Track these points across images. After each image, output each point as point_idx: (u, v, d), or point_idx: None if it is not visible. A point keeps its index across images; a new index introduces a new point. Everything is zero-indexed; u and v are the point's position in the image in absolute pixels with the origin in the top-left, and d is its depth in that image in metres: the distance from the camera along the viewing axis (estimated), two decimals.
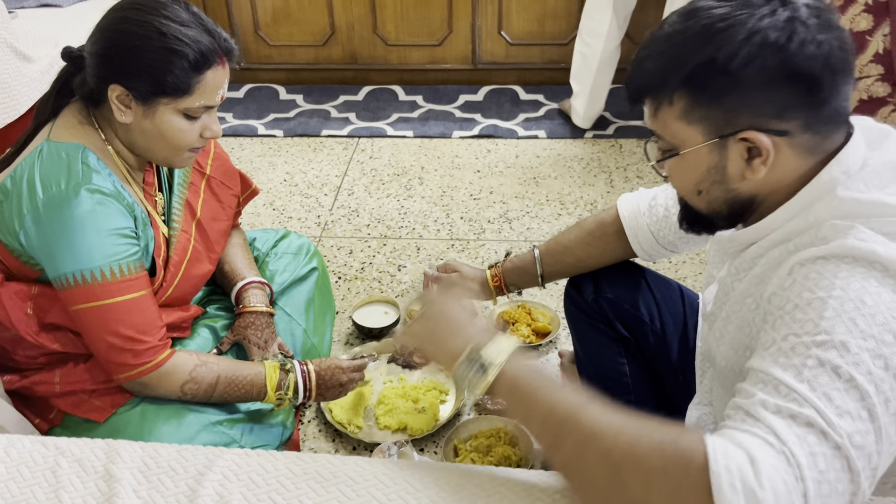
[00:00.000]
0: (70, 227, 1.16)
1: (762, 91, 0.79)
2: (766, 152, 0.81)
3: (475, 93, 3.17)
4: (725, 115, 0.82)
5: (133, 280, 1.22)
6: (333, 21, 3.18)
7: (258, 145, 2.90)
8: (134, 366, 1.23)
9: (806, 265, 0.77)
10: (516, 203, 2.47)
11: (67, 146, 1.20)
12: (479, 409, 1.69)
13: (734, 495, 0.62)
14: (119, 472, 0.88)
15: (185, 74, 1.17)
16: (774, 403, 0.68)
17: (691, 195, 0.92)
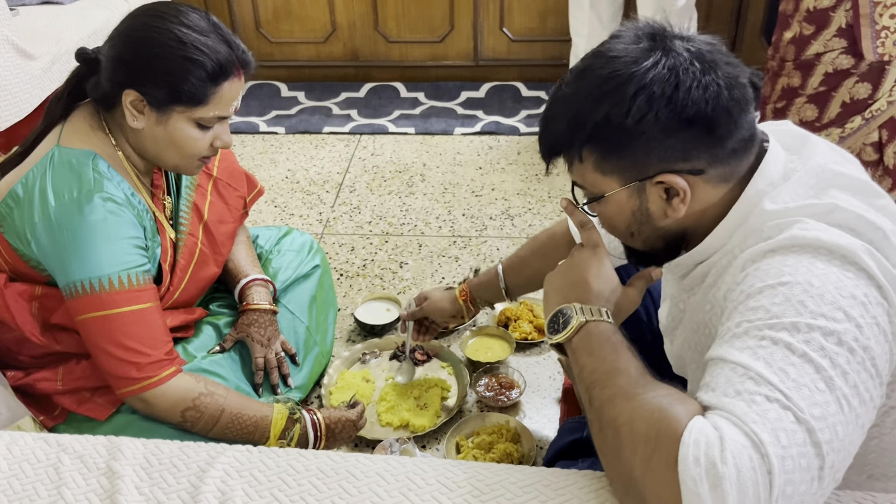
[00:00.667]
0: (81, 235, 1.16)
1: (662, 139, 0.84)
2: (682, 192, 0.86)
3: (477, 89, 3.17)
4: (634, 164, 0.86)
5: (141, 291, 1.21)
6: (335, 18, 3.18)
7: (260, 142, 2.90)
8: (137, 379, 1.20)
9: (756, 260, 0.80)
10: (518, 200, 2.47)
11: (78, 153, 1.20)
12: (482, 406, 1.69)
13: (696, 468, 0.63)
14: (121, 468, 0.88)
15: (201, 84, 1.17)
16: (733, 389, 0.69)
17: (626, 237, 0.97)
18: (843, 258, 0.75)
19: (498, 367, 1.74)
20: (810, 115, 1.78)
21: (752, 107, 0.86)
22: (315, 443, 1.35)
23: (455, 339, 1.87)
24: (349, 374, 1.75)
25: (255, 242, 1.72)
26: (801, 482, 0.64)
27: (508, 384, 1.70)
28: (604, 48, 0.87)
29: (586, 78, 0.87)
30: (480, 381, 1.70)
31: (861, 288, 0.73)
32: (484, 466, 0.88)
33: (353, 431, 1.42)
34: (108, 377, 1.22)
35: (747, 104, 0.85)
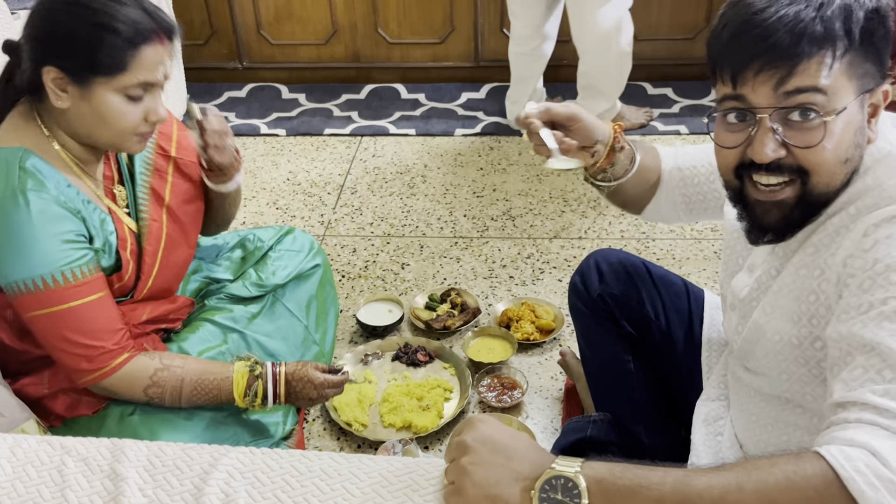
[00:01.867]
0: (11, 234, 1.14)
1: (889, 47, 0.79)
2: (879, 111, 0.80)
3: (477, 90, 3.17)
4: (874, 68, 0.80)
5: (85, 284, 1.20)
6: (335, 20, 3.18)
7: (261, 144, 2.90)
8: (90, 370, 1.21)
9: (883, 225, 0.76)
10: (520, 200, 2.47)
11: (6, 151, 1.18)
12: (484, 407, 1.69)
13: (876, 492, 0.61)
14: (125, 470, 0.88)
15: (117, 50, 1.13)
16: (883, 387, 0.66)
17: (839, 165, 0.81)
18: None
19: (500, 367, 1.74)
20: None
21: None
22: (274, 398, 1.33)
23: (457, 339, 1.87)
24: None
25: (255, 239, 1.71)
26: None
27: (510, 385, 1.70)
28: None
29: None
30: (483, 381, 1.71)
31: None
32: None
33: (313, 393, 1.36)
34: (65, 369, 1.24)
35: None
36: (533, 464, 0.74)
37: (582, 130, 1.14)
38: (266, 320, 1.57)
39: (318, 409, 1.71)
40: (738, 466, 0.68)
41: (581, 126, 1.14)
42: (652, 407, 1.31)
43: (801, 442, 0.95)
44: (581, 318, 1.41)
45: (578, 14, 2.49)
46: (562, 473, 0.71)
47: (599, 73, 2.60)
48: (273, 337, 1.56)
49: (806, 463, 0.64)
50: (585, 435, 1.33)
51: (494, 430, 0.77)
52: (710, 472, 0.68)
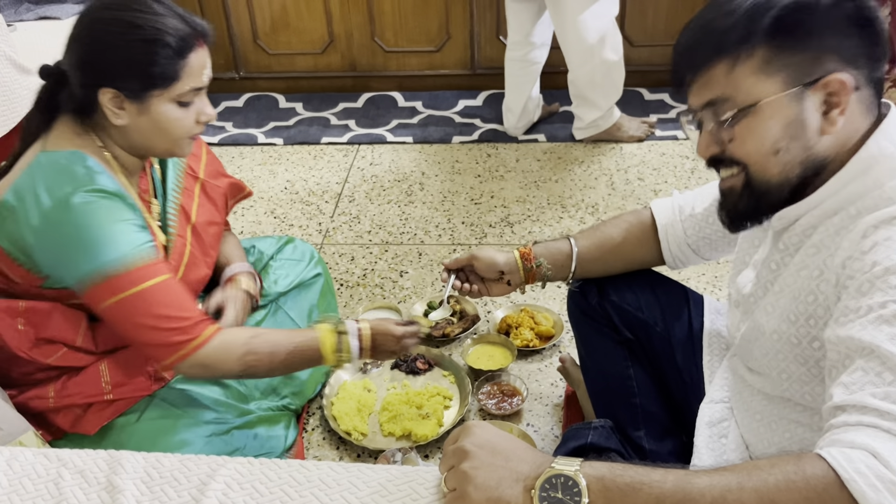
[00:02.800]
0: (83, 227, 1.17)
1: (841, 36, 0.80)
2: (843, 100, 0.81)
3: (474, 98, 3.17)
4: (808, 61, 0.81)
5: (159, 263, 1.22)
6: (332, 29, 3.19)
7: (258, 154, 2.90)
8: (185, 342, 1.20)
9: (882, 227, 0.76)
10: (517, 207, 2.47)
11: (66, 153, 1.20)
12: (484, 415, 1.68)
13: (877, 494, 0.61)
14: (122, 482, 0.87)
15: (170, 62, 1.17)
16: (882, 391, 0.66)
17: (767, 157, 0.86)
18: None
19: (499, 374, 1.73)
20: None
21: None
22: (360, 351, 1.34)
23: (456, 347, 1.86)
24: (350, 384, 1.74)
25: (255, 249, 1.72)
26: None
27: (510, 392, 1.69)
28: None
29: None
30: (482, 389, 1.70)
31: None
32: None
33: (394, 345, 1.36)
34: (154, 350, 1.21)
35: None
36: (533, 464, 0.74)
37: (483, 266, 1.34)
38: (270, 327, 1.57)
39: (317, 419, 1.70)
40: (739, 467, 0.68)
41: (480, 264, 1.34)
42: (653, 412, 1.31)
43: (805, 440, 0.95)
44: (580, 325, 1.40)
45: (560, 24, 2.50)
46: (562, 472, 0.71)
47: (585, 82, 2.60)
48: None
49: (807, 464, 0.64)
50: (586, 441, 1.32)
51: (492, 434, 0.77)
52: (712, 472, 0.68)
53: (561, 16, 2.47)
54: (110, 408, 1.31)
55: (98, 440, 1.31)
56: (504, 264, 1.33)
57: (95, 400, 1.30)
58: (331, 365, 1.34)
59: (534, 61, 2.70)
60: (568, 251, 1.32)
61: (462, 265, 1.37)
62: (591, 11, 2.42)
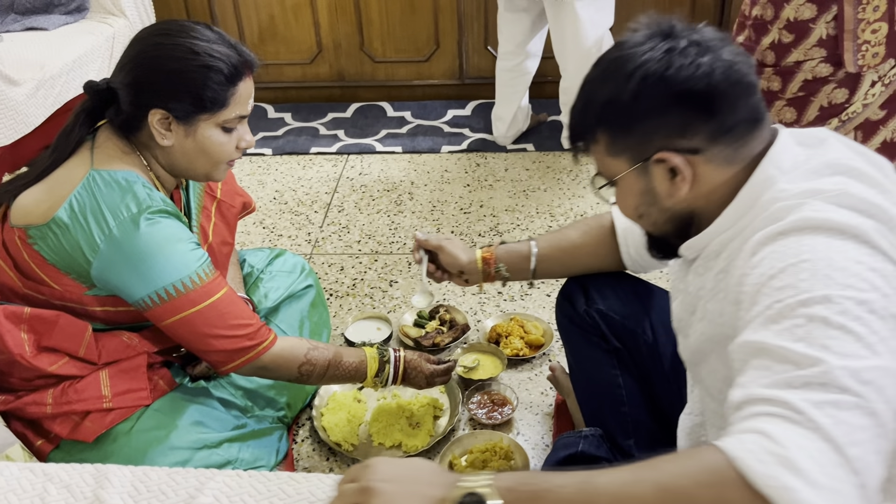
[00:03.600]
0: (152, 246, 1.21)
1: (658, 117, 0.88)
2: (681, 170, 0.89)
3: (463, 107, 3.18)
4: (638, 143, 0.91)
5: (217, 278, 1.28)
6: (320, 39, 3.19)
7: (247, 164, 2.89)
8: (252, 347, 1.29)
9: (768, 243, 0.80)
10: (507, 216, 2.48)
11: (123, 174, 1.24)
12: (474, 424, 1.68)
13: (767, 467, 0.62)
14: (109, 497, 0.86)
15: (221, 88, 1.22)
16: (770, 380, 0.68)
17: (636, 220, 1.00)
18: (856, 237, 0.76)
19: (490, 384, 1.73)
20: (789, 117, 1.83)
21: (753, 93, 0.89)
22: (395, 379, 1.49)
23: (446, 356, 1.86)
24: (340, 395, 1.73)
25: (245, 263, 1.72)
26: (863, 441, 0.63)
27: (501, 401, 1.69)
28: (620, 39, 0.94)
29: (599, 64, 0.94)
30: (473, 398, 1.70)
31: (879, 262, 0.74)
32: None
33: (423, 382, 1.51)
34: (222, 356, 1.28)
35: (746, 89, 0.88)
36: (443, 486, 0.75)
37: (446, 262, 1.42)
38: None
39: (307, 430, 1.69)
40: (640, 463, 0.70)
41: (444, 257, 1.42)
42: (642, 421, 1.31)
43: None
44: (568, 335, 1.41)
45: (559, 32, 2.52)
46: (473, 489, 0.72)
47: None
48: None
49: (702, 453, 0.67)
50: (576, 450, 1.32)
51: (392, 466, 0.77)
52: (612, 470, 0.71)
53: (560, 23, 2.48)
54: (109, 416, 1.31)
55: (90, 448, 1.30)
56: (466, 265, 1.41)
57: (94, 408, 1.30)
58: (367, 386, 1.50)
59: (525, 71, 2.71)
60: (527, 253, 1.38)
61: (431, 248, 1.43)
62: (591, 20, 2.45)
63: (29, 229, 1.22)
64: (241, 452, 1.42)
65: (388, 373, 1.47)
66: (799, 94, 1.78)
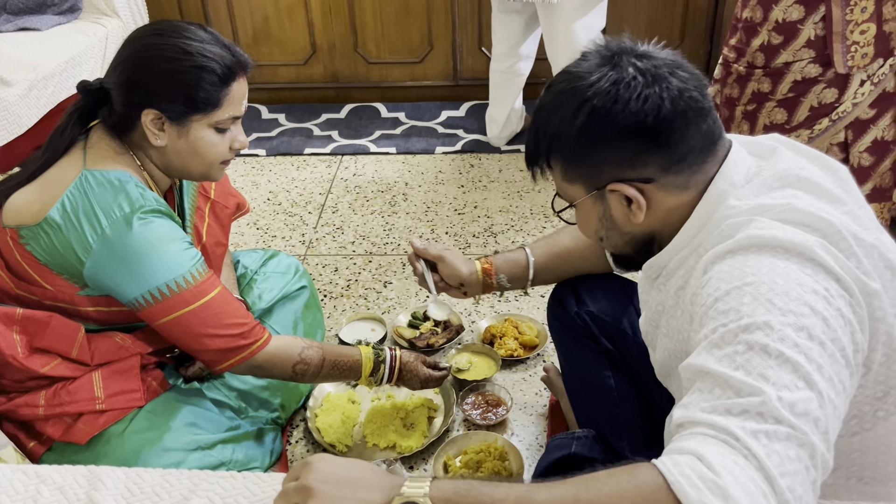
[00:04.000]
0: (145, 245, 1.21)
1: (607, 150, 0.89)
2: (635, 200, 0.90)
3: (457, 108, 3.19)
4: (591, 173, 0.92)
5: (211, 277, 1.27)
6: (314, 40, 3.19)
7: (241, 165, 2.89)
8: (246, 346, 1.29)
9: (717, 262, 0.82)
10: (501, 217, 2.48)
11: (116, 174, 1.23)
12: (469, 425, 1.68)
13: (699, 493, 0.63)
14: (102, 499, 0.86)
15: (214, 89, 1.22)
16: (710, 404, 0.70)
17: (597, 241, 1.01)
18: (801, 255, 0.78)
19: (484, 384, 1.73)
20: (780, 118, 1.84)
21: (704, 118, 0.88)
22: (390, 378, 1.49)
23: (440, 357, 1.86)
24: (335, 396, 1.73)
25: (239, 264, 1.72)
26: (795, 472, 0.65)
27: (495, 402, 1.69)
28: (570, 65, 0.93)
29: (549, 93, 0.94)
30: (467, 399, 1.70)
31: (821, 283, 0.76)
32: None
33: (417, 385, 1.53)
34: (215, 355, 1.28)
35: (697, 115, 0.87)
36: (382, 490, 0.75)
37: (446, 273, 1.41)
38: None
39: (301, 432, 1.69)
40: (579, 479, 0.70)
41: (445, 269, 1.41)
42: (635, 422, 1.31)
43: None
44: (559, 337, 1.41)
45: (551, 34, 2.52)
46: (410, 498, 0.73)
47: None
48: None
49: (639, 472, 0.68)
50: (570, 451, 1.33)
51: (334, 466, 0.76)
52: (552, 485, 0.71)
53: (552, 26, 2.49)
54: (102, 418, 1.30)
55: (83, 450, 1.30)
56: (466, 277, 1.41)
57: (87, 410, 1.29)
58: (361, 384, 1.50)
59: (519, 73, 2.72)
60: (525, 262, 1.40)
61: (431, 258, 1.43)
62: (582, 23, 2.45)
63: (21, 230, 1.22)
64: (235, 454, 1.42)
65: (383, 373, 1.47)
66: (789, 94, 1.79)
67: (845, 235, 0.81)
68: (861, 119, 1.79)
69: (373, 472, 0.77)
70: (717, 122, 0.90)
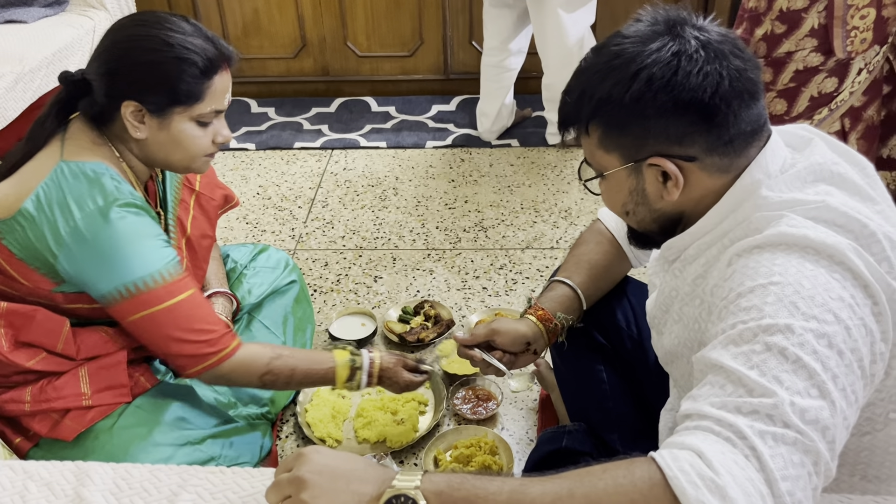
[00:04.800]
0: (118, 240, 1.18)
1: (658, 122, 0.85)
2: (674, 177, 0.87)
3: (448, 102, 3.18)
4: (633, 143, 0.88)
5: (185, 279, 1.25)
6: (304, 33, 3.17)
7: (230, 159, 2.87)
8: (212, 353, 1.25)
9: (743, 255, 0.80)
10: (491, 211, 2.48)
11: (92, 165, 1.21)
12: (459, 420, 1.68)
13: (697, 491, 0.63)
14: (90, 495, 0.86)
15: (196, 81, 1.20)
16: (721, 400, 0.69)
17: (621, 215, 0.98)
18: (831, 258, 0.76)
19: (474, 379, 1.73)
20: (780, 108, 1.84)
21: (757, 101, 0.86)
22: (368, 383, 1.42)
23: (431, 352, 1.86)
24: (325, 391, 1.73)
25: (229, 258, 1.70)
26: (797, 477, 0.65)
27: (485, 396, 1.69)
28: (623, 28, 0.89)
29: (600, 54, 0.89)
30: (457, 394, 1.70)
31: (848, 290, 0.74)
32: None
33: (397, 389, 1.46)
34: (182, 360, 1.25)
35: (751, 98, 0.85)
36: (375, 483, 0.75)
37: (508, 341, 1.26)
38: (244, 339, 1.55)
39: (291, 427, 1.69)
40: (573, 473, 0.70)
41: (504, 338, 1.26)
42: (626, 416, 1.32)
43: None
44: None
45: (541, 28, 2.52)
46: (402, 491, 0.72)
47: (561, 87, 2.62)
48: None
49: (636, 467, 0.67)
50: (560, 445, 1.33)
51: (328, 458, 0.76)
52: (546, 479, 0.70)
53: (542, 20, 2.49)
54: (89, 414, 1.29)
55: (71, 446, 1.29)
56: (531, 335, 1.26)
57: (74, 406, 1.28)
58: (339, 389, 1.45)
59: (509, 67, 2.71)
60: (572, 294, 1.29)
61: (480, 341, 1.29)
62: (572, 18, 2.45)
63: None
64: (225, 449, 1.41)
65: (360, 379, 1.40)
66: (790, 84, 1.80)
67: (879, 238, 0.79)
68: (855, 107, 1.81)
69: (366, 464, 0.77)
70: (765, 109, 0.89)
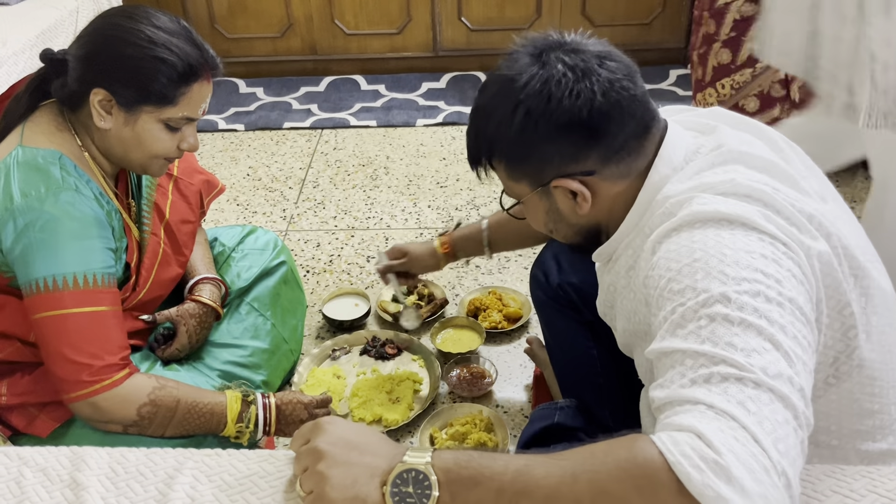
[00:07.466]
0: (48, 231, 1.14)
1: (548, 147, 0.90)
2: (580, 193, 0.91)
3: (438, 80, 3.16)
4: (535, 170, 0.93)
5: (101, 292, 1.17)
6: (291, 12, 3.14)
7: (219, 140, 2.85)
8: (89, 383, 1.14)
9: (664, 241, 0.83)
10: (483, 189, 2.47)
11: (45, 152, 1.18)
12: (454, 398, 1.69)
13: (702, 475, 0.63)
14: (86, 479, 0.86)
15: (171, 84, 1.17)
16: (688, 379, 0.70)
17: (547, 233, 1.03)
18: (744, 224, 0.79)
19: (469, 357, 1.74)
20: (725, 58, 1.96)
21: (637, 104, 0.90)
22: (265, 427, 1.30)
23: (425, 331, 1.87)
24: (319, 371, 1.73)
25: (217, 242, 1.69)
26: (786, 436, 0.65)
27: (480, 374, 1.70)
28: (500, 65, 0.94)
29: (483, 95, 0.95)
30: (452, 371, 1.71)
31: (767, 247, 0.77)
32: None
33: (304, 414, 1.34)
34: (58, 381, 1.16)
35: (631, 102, 0.89)
36: (387, 457, 0.75)
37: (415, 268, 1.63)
38: (233, 323, 1.55)
39: None
40: (577, 454, 0.70)
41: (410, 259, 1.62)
42: (617, 391, 1.33)
43: None
44: (543, 308, 1.42)
45: None
46: (412, 466, 0.73)
47: None
48: (242, 338, 1.54)
49: (638, 450, 0.67)
50: (553, 422, 1.34)
51: (344, 430, 0.77)
52: (550, 460, 0.70)
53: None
54: (62, 409, 1.26)
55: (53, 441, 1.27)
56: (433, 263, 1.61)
57: (49, 400, 1.26)
58: (230, 436, 1.27)
59: None
60: (479, 228, 1.53)
61: (396, 269, 1.63)
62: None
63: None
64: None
65: (254, 416, 1.28)
66: (731, 34, 1.91)
67: (786, 205, 0.82)
68: None
69: (379, 438, 0.78)
70: (651, 106, 0.92)
